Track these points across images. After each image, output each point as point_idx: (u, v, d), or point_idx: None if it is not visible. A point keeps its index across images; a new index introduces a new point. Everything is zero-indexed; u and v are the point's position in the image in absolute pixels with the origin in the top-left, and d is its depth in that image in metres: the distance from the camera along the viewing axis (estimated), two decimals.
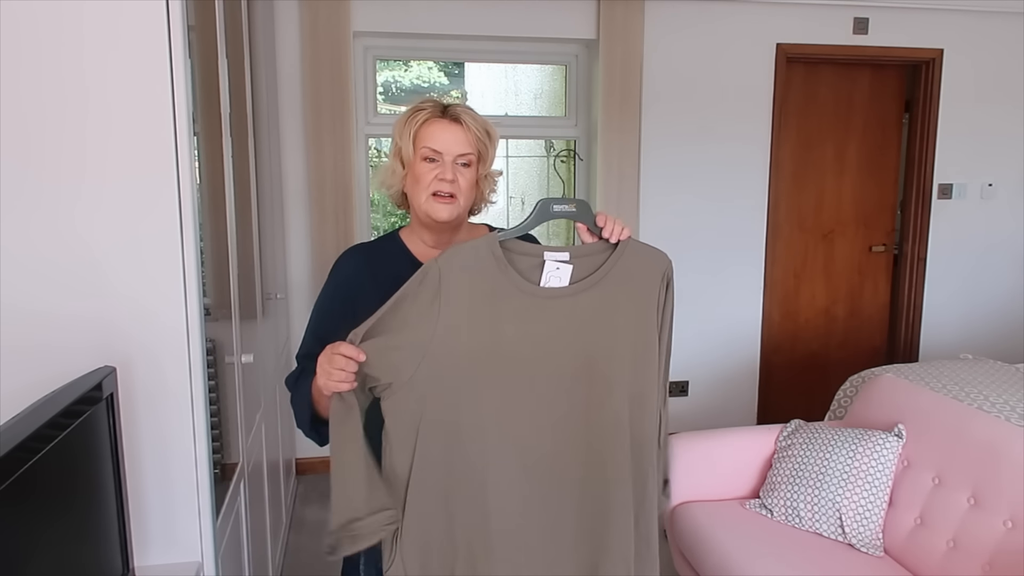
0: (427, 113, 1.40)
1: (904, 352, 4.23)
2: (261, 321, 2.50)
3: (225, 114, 1.91)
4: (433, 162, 1.40)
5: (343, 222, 3.45)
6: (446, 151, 1.39)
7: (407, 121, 1.41)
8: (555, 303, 1.26)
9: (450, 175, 1.39)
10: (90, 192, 1.36)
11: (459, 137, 1.40)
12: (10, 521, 0.94)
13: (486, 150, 1.44)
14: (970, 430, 2.12)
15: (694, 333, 3.95)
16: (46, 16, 1.31)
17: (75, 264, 1.37)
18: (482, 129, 1.42)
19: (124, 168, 1.37)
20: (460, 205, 1.41)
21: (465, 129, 1.40)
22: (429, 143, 1.39)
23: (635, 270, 1.31)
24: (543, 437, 1.26)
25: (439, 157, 1.39)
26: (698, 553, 2.27)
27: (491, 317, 1.24)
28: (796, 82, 3.94)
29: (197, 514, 1.48)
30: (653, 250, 1.37)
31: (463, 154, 1.40)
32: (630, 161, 3.69)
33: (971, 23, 3.96)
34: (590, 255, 1.30)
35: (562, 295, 1.27)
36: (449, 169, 1.39)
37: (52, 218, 1.35)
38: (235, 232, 1.96)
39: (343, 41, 3.32)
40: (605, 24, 3.56)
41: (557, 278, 1.27)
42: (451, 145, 1.39)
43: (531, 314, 1.25)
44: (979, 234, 4.19)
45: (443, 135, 1.39)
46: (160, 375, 1.43)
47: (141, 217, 1.38)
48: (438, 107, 1.41)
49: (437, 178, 1.39)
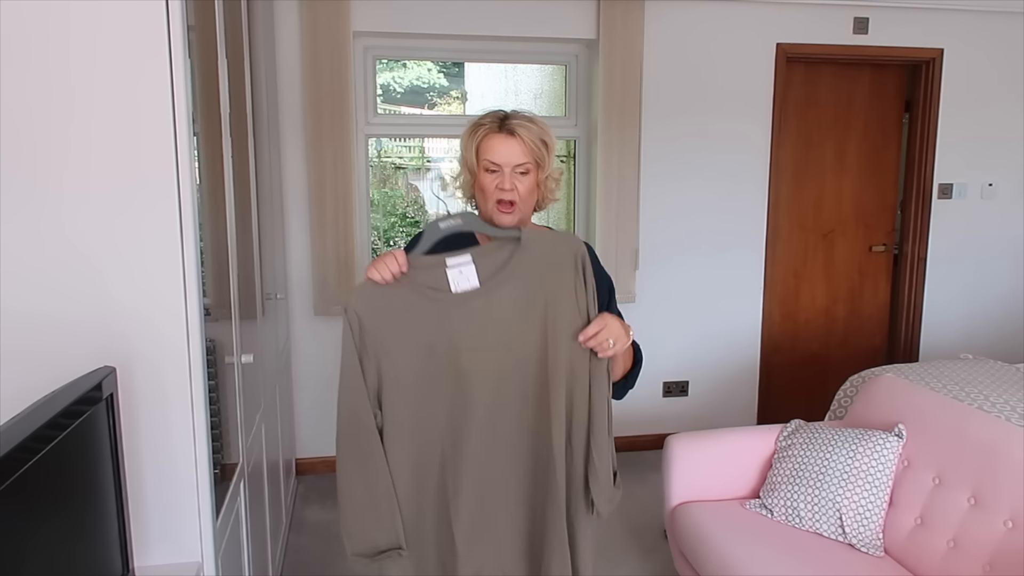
0: (487, 128, 1.53)
1: (904, 352, 4.23)
2: (261, 321, 2.50)
3: (225, 114, 1.91)
4: (494, 172, 1.52)
5: (343, 222, 3.45)
6: (504, 163, 1.51)
7: (470, 135, 1.55)
8: (472, 304, 1.36)
9: (508, 184, 1.50)
10: (90, 192, 1.36)
11: (515, 149, 1.51)
12: (10, 521, 0.94)
13: (543, 157, 1.55)
14: (970, 430, 2.12)
15: (694, 333, 3.95)
16: (46, 16, 1.31)
17: (75, 264, 1.37)
18: (538, 139, 1.53)
19: (124, 168, 1.37)
20: (521, 211, 1.54)
21: (520, 141, 1.51)
22: (489, 156, 1.52)
23: (544, 258, 1.39)
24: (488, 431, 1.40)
25: (499, 168, 1.51)
26: (698, 553, 2.27)
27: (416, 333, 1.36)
28: (796, 82, 3.94)
29: (197, 514, 1.48)
30: (561, 235, 1.45)
31: (520, 164, 1.51)
32: (630, 161, 3.69)
33: (971, 23, 3.96)
34: (492, 252, 1.39)
35: (477, 296, 1.37)
36: (508, 179, 1.51)
37: (52, 218, 1.35)
38: (235, 232, 1.96)
39: (343, 41, 3.32)
40: (605, 24, 3.56)
41: (466, 279, 1.37)
42: (508, 157, 1.51)
43: (452, 320, 1.36)
44: (979, 234, 4.19)
45: (501, 148, 1.51)
46: (160, 375, 1.43)
47: (141, 217, 1.38)
48: (496, 121, 1.53)
49: (498, 187, 1.51)
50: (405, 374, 1.37)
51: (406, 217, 4.87)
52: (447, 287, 1.37)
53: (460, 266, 1.37)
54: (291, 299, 3.52)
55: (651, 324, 3.84)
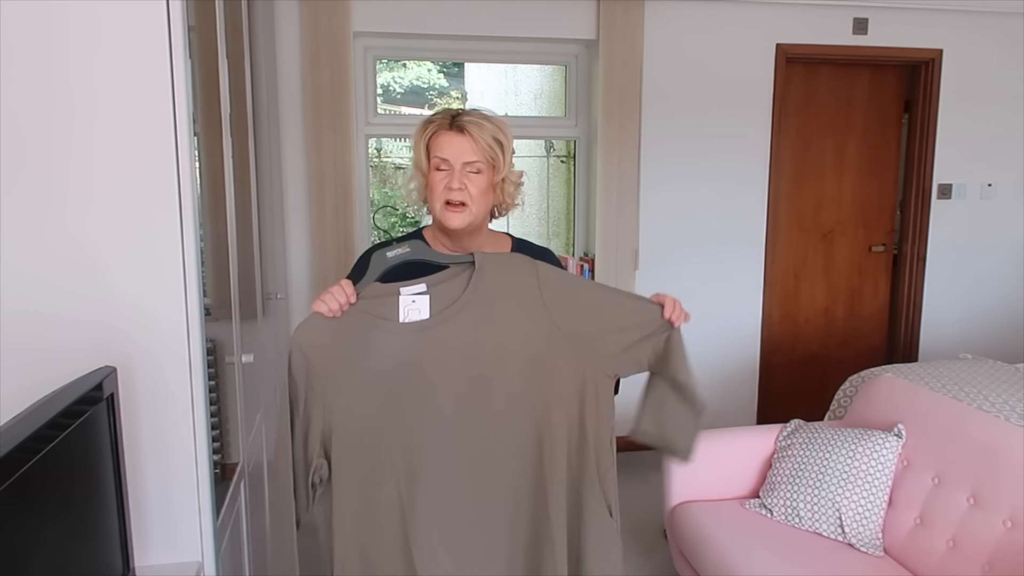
0: (436, 125, 1.47)
1: (904, 352, 4.24)
2: (261, 321, 2.50)
3: (225, 114, 1.91)
4: (443, 172, 1.44)
5: (343, 222, 3.45)
6: (453, 159, 1.43)
7: (420, 133, 1.48)
8: (431, 332, 1.26)
9: (457, 183, 1.43)
10: (90, 192, 1.36)
11: (464, 146, 1.44)
12: (11, 521, 0.94)
13: (497, 157, 1.47)
14: (970, 430, 2.12)
15: (694, 333, 3.92)
16: (45, 16, 1.31)
17: (75, 265, 1.37)
18: (491, 137, 1.45)
19: (124, 168, 1.37)
20: (472, 212, 1.45)
21: (471, 139, 1.44)
22: (438, 152, 1.44)
23: (504, 280, 1.30)
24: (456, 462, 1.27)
25: (448, 166, 1.44)
26: (698, 553, 2.27)
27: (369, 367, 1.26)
28: (796, 82, 3.94)
29: (197, 514, 1.48)
30: (515, 257, 1.35)
31: (470, 162, 1.44)
32: (630, 161, 3.69)
33: (971, 23, 3.96)
34: (448, 279, 1.30)
35: (435, 323, 1.27)
36: (457, 177, 1.43)
37: (52, 218, 1.35)
38: (235, 232, 1.96)
39: (343, 41, 3.32)
40: (605, 24, 3.56)
41: (416, 311, 1.28)
42: (457, 154, 1.43)
43: (410, 351, 1.26)
44: (979, 234, 4.19)
45: (449, 145, 1.44)
46: (160, 375, 1.43)
47: (142, 217, 1.38)
48: (447, 118, 1.46)
49: (446, 187, 1.43)
50: (357, 412, 1.26)
51: (406, 217, 4.87)
52: (397, 317, 1.27)
53: (414, 295, 1.28)
54: (291, 299, 3.52)
55: None
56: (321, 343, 1.26)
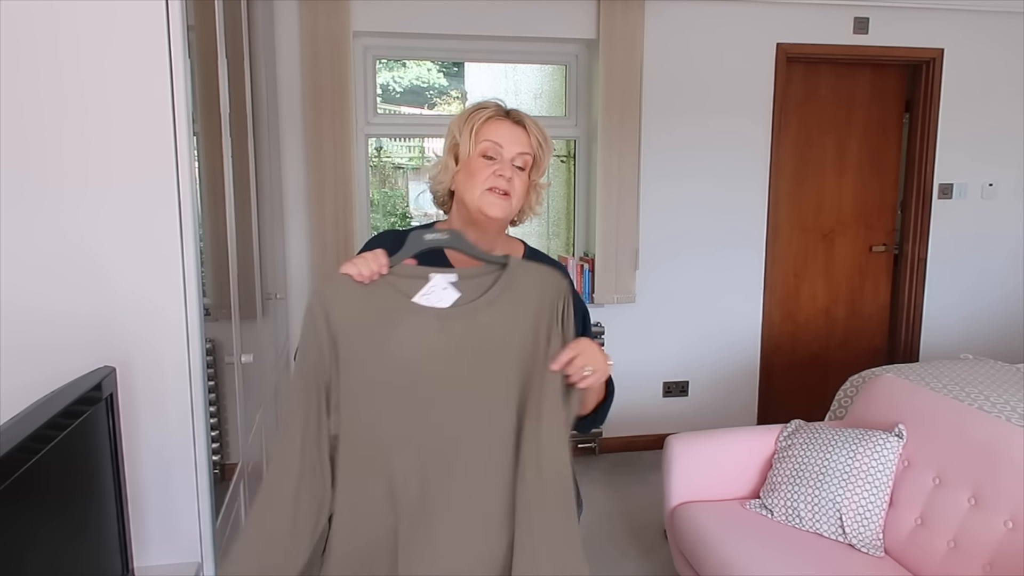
0: (490, 112, 1.42)
1: (904, 352, 4.23)
2: (261, 321, 2.50)
3: (225, 114, 1.90)
4: (491, 160, 1.40)
5: (343, 222, 3.45)
6: (507, 147, 1.40)
7: (468, 118, 1.42)
8: (450, 323, 1.25)
9: (508, 173, 1.39)
10: (90, 192, 1.36)
11: (521, 137, 1.41)
12: (10, 521, 0.94)
13: (542, 157, 1.45)
14: (970, 430, 2.12)
15: (694, 333, 3.95)
16: (44, 16, 1.31)
17: (75, 264, 1.37)
18: (542, 134, 1.44)
19: (124, 168, 1.37)
20: (512, 206, 1.42)
21: (526, 131, 1.41)
22: (492, 137, 1.40)
23: (529, 292, 1.28)
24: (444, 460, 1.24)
25: (499, 154, 1.40)
26: (698, 553, 2.27)
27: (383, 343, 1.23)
28: (796, 82, 3.94)
29: (197, 514, 1.48)
30: (547, 271, 1.32)
31: (522, 153, 1.41)
32: (630, 161, 3.68)
33: (971, 23, 3.96)
34: (478, 276, 1.28)
35: (456, 315, 1.25)
36: (507, 167, 1.40)
37: (52, 218, 1.35)
38: (235, 232, 1.96)
39: (343, 41, 3.32)
40: (605, 24, 3.56)
41: (437, 298, 1.25)
42: (512, 142, 1.40)
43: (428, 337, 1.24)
44: (979, 234, 4.19)
45: (507, 132, 1.40)
46: (160, 375, 1.43)
47: (141, 217, 1.38)
48: (501, 109, 1.44)
49: (495, 174, 1.39)
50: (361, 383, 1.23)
51: (406, 217, 4.87)
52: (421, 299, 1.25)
53: (442, 284, 1.26)
54: (291, 299, 3.52)
55: (651, 324, 3.85)
56: (343, 302, 1.25)
